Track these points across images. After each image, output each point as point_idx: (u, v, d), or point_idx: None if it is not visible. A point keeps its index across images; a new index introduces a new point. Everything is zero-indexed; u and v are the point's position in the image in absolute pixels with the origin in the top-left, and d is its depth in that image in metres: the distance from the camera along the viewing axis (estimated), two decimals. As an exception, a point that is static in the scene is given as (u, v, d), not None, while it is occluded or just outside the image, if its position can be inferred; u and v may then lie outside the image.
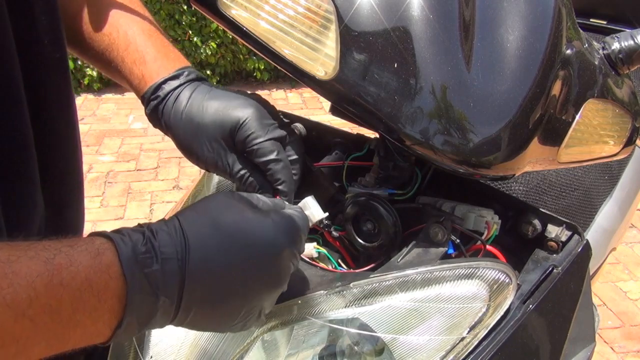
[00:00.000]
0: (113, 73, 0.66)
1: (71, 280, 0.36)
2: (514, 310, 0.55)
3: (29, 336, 0.35)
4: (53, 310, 0.35)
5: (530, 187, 0.99)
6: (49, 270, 0.35)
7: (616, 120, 0.65)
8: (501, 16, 0.51)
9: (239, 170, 0.58)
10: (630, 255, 2.50)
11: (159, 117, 0.61)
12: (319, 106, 3.84)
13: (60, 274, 0.36)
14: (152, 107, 0.61)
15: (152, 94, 0.61)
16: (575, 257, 0.63)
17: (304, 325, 0.54)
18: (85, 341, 0.39)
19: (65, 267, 0.36)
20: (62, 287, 0.36)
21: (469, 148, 0.50)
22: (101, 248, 0.39)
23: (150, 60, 0.63)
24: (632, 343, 2.03)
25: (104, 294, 0.38)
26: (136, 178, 2.97)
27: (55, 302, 0.35)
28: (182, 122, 0.59)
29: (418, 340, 0.51)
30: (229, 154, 0.58)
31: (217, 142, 0.58)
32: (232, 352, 0.56)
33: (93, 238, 0.40)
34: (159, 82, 0.61)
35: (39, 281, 0.34)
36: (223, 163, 0.58)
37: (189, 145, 0.59)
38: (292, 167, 0.58)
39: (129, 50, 0.63)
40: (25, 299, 0.34)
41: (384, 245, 0.62)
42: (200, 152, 0.58)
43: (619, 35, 0.64)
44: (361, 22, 0.49)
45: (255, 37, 0.53)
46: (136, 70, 0.63)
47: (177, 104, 0.59)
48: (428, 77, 0.49)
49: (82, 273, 0.37)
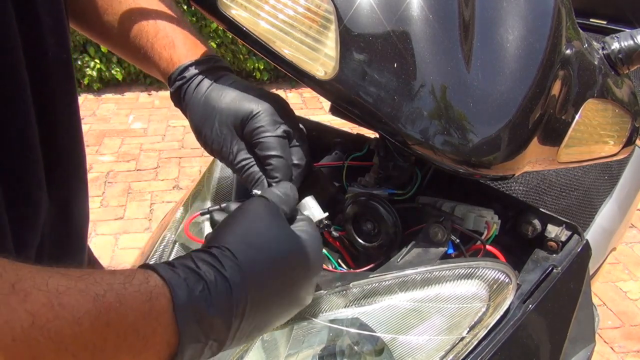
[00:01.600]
0: (140, 59, 0.68)
1: (118, 323, 0.35)
2: (514, 310, 0.55)
3: None
4: (97, 348, 0.34)
5: (530, 187, 0.99)
6: (97, 308, 0.34)
7: (616, 120, 0.65)
8: (501, 16, 0.51)
9: (241, 160, 0.59)
10: (630, 255, 2.50)
11: (181, 97, 0.62)
12: (319, 106, 3.84)
13: (109, 314, 0.35)
14: (176, 86, 0.62)
15: (179, 75, 0.62)
16: (575, 257, 0.63)
17: (304, 325, 0.54)
18: None
19: (115, 307, 0.35)
20: (109, 327, 0.35)
21: (469, 148, 0.50)
22: (155, 292, 0.37)
23: (180, 45, 0.64)
24: (632, 343, 2.03)
25: (152, 339, 0.37)
26: (136, 178, 2.97)
27: (100, 341, 0.34)
28: (200, 103, 0.60)
29: (418, 340, 0.51)
30: (236, 142, 0.59)
31: (228, 128, 0.58)
32: (232, 352, 0.56)
33: (148, 276, 0.38)
34: (187, 64, 0.62)
35: (86, 318, 0.33)
36: (228, 149, 0.59)
37: (201, 126, 0.60)
38: (293, 170, 0.59)
39: (159, 36, 0.65)
40: (69, 334, 0.33)
41: (384, 245, 0.62)
42: (209, 135, 0.59)
43: (618, 35, 0.64)
44: (361, 22, 0.49)
45: (255, 37, 0.53)
46: (165, 54, 0.64)
47: (200, 87, 0.61)
48: (428, 77, 0.49)
49: (131, 316, 0.36)
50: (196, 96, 0.61)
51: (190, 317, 0.38)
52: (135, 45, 0.67)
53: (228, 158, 0.59)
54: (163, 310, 0.37)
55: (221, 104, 0.59)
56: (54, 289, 0.33)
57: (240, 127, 0.58)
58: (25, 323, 0.31)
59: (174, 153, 3.25)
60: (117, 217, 2.61)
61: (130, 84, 4.12)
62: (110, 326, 0.34)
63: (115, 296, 0.35)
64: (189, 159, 3.19)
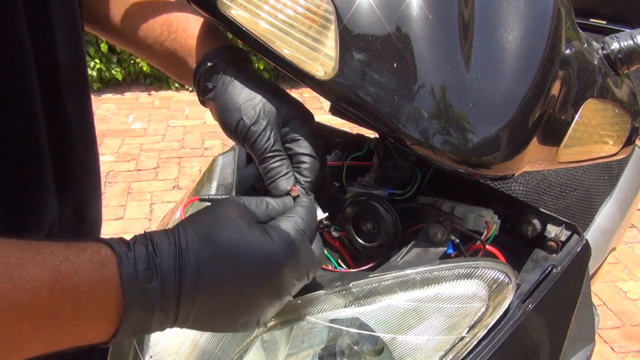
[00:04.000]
0: (165, 58, 0.67)
1: (73, 289, 0.38)
2: (514, 309, 0.55)
3: (28, 336, 0.37)
4: (53, 314, 0.37)
5: (530, 187, 0.99)
6: (53, 278, 0.37)
7: (616, 120, 0.65)
8: (500, 16, 0.51)
9: (277, 149, 0.57)
10: (630, 255, 2.50)
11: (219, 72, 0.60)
12: (319, 106, 3.84)
13: (64, 281, 0.37)
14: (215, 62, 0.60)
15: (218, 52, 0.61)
16: (574, 257, 0.64)
17: (304, 325, 0.54)
18: (81, 342, 0.40)
19: (70, 275, 0.38)
20: (64, 293, 0.37)
21: (469, 148, 0.50)
22: (105, 260, 0.40)
23: (210, 27, 0.64)
24: (632, 343, 2.03)
25: (103, 303, 0.39)
26: (136, 178, 2.97)
27: (56, 307, 0.37)
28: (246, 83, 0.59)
29: (417, 340, 0.51)
30: (276, 132, 0.58)
31: (271, 117, 0.57)
32: (231, 352, 0.56)
33: (100, 247, 0.41)
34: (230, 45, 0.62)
35: (43, 287, 0.36)
36: (267, 135, 0.57)
37: (244, 105, 0.58)
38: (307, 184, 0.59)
39: (187, 31, 0.65)
40: (28, 302, 0.36)
41: (384, 245, 0.62)
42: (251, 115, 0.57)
43: (618, 35, 0.64)
44: (361, 22, 0.49)
45: (255, 37, 0.53)
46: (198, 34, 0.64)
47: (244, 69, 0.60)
48: (427, 77, 0.49)
49: (84, 283, 0.38)
50: (240, 76, 0.59)
51: (135, 283, 0.40)
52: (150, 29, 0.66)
53: (263, 144, 0.57)
54: (112, 276, 0.40)
55: (269, 94, 0.58)
56: (14, 262, 0.36)
57: (282, 124, 0.58)
58: None
59: (174, 153, 3.25)
60: (117, 217, 2.61)
61: (130, 84, 4.13)
62: (66, 293, 0.37)
63: (70, 265, 0.38)
64: (189, 159, 3.19)
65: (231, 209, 0.48)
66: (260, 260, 0.45)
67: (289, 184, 0.56)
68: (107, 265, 0.40)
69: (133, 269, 0.41)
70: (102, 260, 0.40)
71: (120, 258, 0.41)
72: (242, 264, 0.45)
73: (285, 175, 0.57)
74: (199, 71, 0.61)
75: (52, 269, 0.37)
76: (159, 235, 0.44)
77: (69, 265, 0.38)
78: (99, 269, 0.39)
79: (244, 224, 0.47)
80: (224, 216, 0.47)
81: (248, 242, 0.45)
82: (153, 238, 0.43)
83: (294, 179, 0.57)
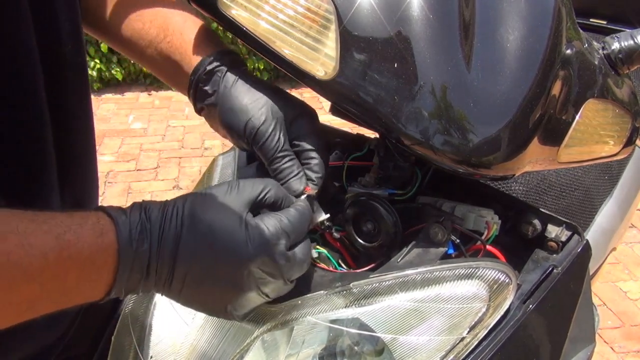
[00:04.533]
0: (160, 61, 0.66)
1: (77, 256, 0.42)
2: (514, 310, 0.55)
3: (38, 296, 0.41)
4: (60, 278, 0.42)
5: (530, 187, 0.99)
6: (59, 245, 0.41)
7: (616, 120, 0.65)
8: (501, 16, 0.51)
9: (286, 150, 0.57)
10: (630, 255, 2.50)
11: (219, 77, 0.60)
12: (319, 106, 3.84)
13: (69, 249, 0.41)
14: (215, 65, 0.60)
15: (217, 56, 0.61)
16: (575, 257, 0.63)
17: (304, 325, 0.54)
18: (83, 300, 0.45)
19: (74, 243, 0.42)
20: (70, 260, 0.42)
21: (469, 148, 0.50)
22: (105, 229, 0.44)
23: (209, 33, 0.65)
24: (632, 343, 2.03)
25: (103, 268, 0.44)
26: (136, 178, 2.97)
27: (63, 272, 0.42)
28: (250, 86, 0.59)
29: (418, 340, 0.51)
30: (284, 133, 0.58)
31: (277, 118, 0.57)
32: (232, 352, 0.56)
33: (99, 216, 0.45)
34: (227, 49, 0.62)
35: (51, 254, 0.40)
36: (276, 137, 0.57)
37: (249, 107, 0.58)
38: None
39: (183, 35, 0.64)
40: (37, 267, 0.40)
41: (384, 245, 0.62)
42: (258, 117, 0.57)
43: (619, 35, 0.64)
44: (361, 22, 0.49)
45: (255, 37, 0.53)
46: (195, 38, 0.64)
47: (244, 74, 0.60)
48: (428, 77, 0.49)
49: (87, 250, 0.42)
50: (243, 79, 0.59)
51: (129, 246, 0.44)
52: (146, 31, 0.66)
53: (273, 145, 0.57)
54: (111, 242, 0.44)
55: (273, 95, 0.59)
56: (23, 231, 0.40)
57: (289, 123, 0.58)
58: (2, 259, 0.38)
59: (173, 153, 3.25)
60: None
61: (130, 84, 4.12)
62: (72, 259, 0.42)
63: (74, 234, 0.42)
64: (189, 159, 3.19)
65: (224, 190, 0.50)
66: (229, 246, 0.47)
67: (301, 184, 0.57)
68: (106, 234, 0.44)
69: (128, 233, 0.45)
70: (102, 229, 0.44)
71: (117, 225, 0.45)
72: (215, 245, 0.47)
73: (297, 175, 0.57)
74: (196, 76, 0.61)
75: (57, 237, 0.41)
76: (153, 203, 0.48)
77: (72, 234, 0.42)
78: (99, 237, 0.43)
79: (230, 208, 0.49)
80: (213, 197, 0.49)
81: (224, 226, 0.47)
82: (147, 205, 0.47)
83: (305, 179, 0.57)
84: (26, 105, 0.55)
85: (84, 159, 0.68)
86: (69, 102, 0.62)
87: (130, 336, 0.63)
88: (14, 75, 0.53)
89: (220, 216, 0.48)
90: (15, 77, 0.53)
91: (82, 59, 0.63)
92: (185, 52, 0.63)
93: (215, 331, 0.59)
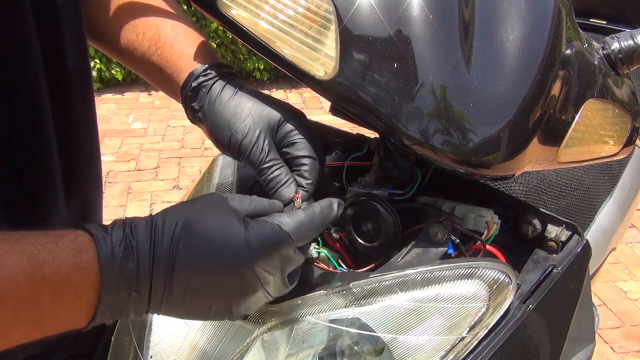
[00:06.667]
0: (153, 73, 0.67)
1: (52, 276, 0.39)
2: (514, 310, 0.55)
3: (10, 322, 0.38)
4: (33, 301, 0.39)
5: (530, 187, 0.99)
6: (32, 266, 0.38)
7: (616, 120, 0.65)
8: (501, 16, 0.51)
9: (272, 159, 0.57)
10: (630, 255, 2.50)
11: (205, 92, 0.60)
12: (319, 106, 3.84)
13: (42, 269, 0.39)
14: (199, 82, 0.60)
15: (203, 71, 0.61)
16: (575, 257, 0.64)
17: (304, 325, 0.54)
18: (63, 328, 0.42)
19: (48, 263, 0.39)
20: (43, 281, 0.39)
21: (469, 148, 0.50)
22: (83, 246, 0.41)
23: (201, 46, 0.64)
24: (632, 343, 2.03)
25: (82, 288, 0.41)
26: (136, 178, 2.97)
27: (36, 294, 0.38)
28: (233, 99, 0.59)
29: (418, 340, 0.51)
30: (269, 141, 0.57)
31: (261, 127, 0.57)
32: (231, 352, 0.56)
33: (77, 234, 0.42)
34: (214, 63, 0.61)
35: (22, 275, 0.38)
36: (260, 147, 0.57)
37: (232, 120, 0.58)
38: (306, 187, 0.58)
39: (174, 48, 0.64)
40: (8, 290, 0.37)
41: (384, 245, 0.62)
42: (241, 129, 0.57)
43: (618, 35, 0.64)
44: (361, 22, 0.49)
45: (255, 37, 0.53)
46: (185, 52, 0.63)
47: (229, 85, 0.60)
48: (428, 77, 0.49)
49: (63, 270, 0.40)
50: (226, 92, 0.59)
51: (112, 264, 0.41)
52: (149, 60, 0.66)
53: (257, 156, 0.57)
54: (90, 260, 0.41)
55: (256, 104, 0.58)
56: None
57: (275, 129, 0.58)
58: None
59: (174, 153, 3.25)
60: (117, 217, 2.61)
61: (130, 84, 4.13)
62: (45, 280, 0.39)
63: (48, 253, 0.39)
64: (189, 159, 3.19)
65: (213, 200, 0.49)
66: (232, 248, 0.46)
67: (290, 191, 0.56)
68: (85, 251, 0.41)
69: (110, 251, 0.42)
70: (80, 247, 0.41)
71: (98, 241, 0.42)
72: (217, 250, 0.45)
73: (286, 183, 0.56)
74: (184, 92, 0.61)
75: (30, 258, 0.38)
76: (138, 219, 0.45)
77: (47, 253, 0.39)
78: (77, 255, 0.40)
79: (224, 213, 0.47)
80: (203, 204, 0.48)
81: (224, 229, 0.46)
82: (132, 222, 0.45)
83: (295, 186, 0.57)
84: (31, 114, 0.55)
85: (88, 165, 0.68)
86: (74, 110, 0.62)
87: (130, 336, 0.63)
88: (19, 84, 0.53)
89: (217, 221, 0.47)
90: (20, 86, 0.53)
91: (86, 66, 0.63)
92: (175, 65, 0.63)
93: (215, 331, 0.59)
